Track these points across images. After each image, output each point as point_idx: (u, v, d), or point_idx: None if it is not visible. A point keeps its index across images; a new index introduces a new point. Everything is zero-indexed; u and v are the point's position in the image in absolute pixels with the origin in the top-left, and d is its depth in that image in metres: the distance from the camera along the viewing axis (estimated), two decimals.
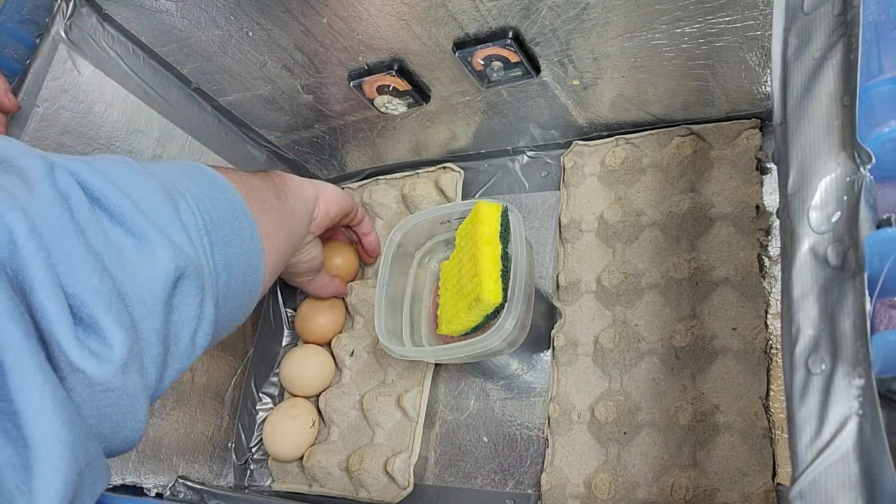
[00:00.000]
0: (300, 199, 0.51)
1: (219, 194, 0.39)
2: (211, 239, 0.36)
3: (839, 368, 0.22)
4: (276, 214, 0.46)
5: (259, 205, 0.43)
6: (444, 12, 0.49)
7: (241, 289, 0.40)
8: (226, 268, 0.37)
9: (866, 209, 0.23)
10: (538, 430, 0.57)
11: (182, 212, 0.35)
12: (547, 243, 0.63)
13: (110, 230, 0.30)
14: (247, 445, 0.69)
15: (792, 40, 0.29)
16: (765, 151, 0.55)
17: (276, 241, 0.45)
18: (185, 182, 0.37)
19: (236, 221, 0.39)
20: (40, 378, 0.25)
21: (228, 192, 0.40)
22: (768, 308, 0.51)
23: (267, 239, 0.43)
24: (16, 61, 0.50)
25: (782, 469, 0.47)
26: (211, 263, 0.36)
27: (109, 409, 0.28)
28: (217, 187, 0.40)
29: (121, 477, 0.57)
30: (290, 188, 0.50)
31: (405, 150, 0.69)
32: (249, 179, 0.45)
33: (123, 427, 0.30)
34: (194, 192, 0.37)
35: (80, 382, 0.27)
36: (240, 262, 0.39)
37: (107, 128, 0.55)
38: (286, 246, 0.48)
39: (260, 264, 0.42)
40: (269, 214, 0.44)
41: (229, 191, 0.40)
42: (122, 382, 0.28)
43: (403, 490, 0.57)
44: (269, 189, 0.47)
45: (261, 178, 0.47)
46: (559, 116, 0.60)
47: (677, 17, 0.46)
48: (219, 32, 0.54)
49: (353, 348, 0.66)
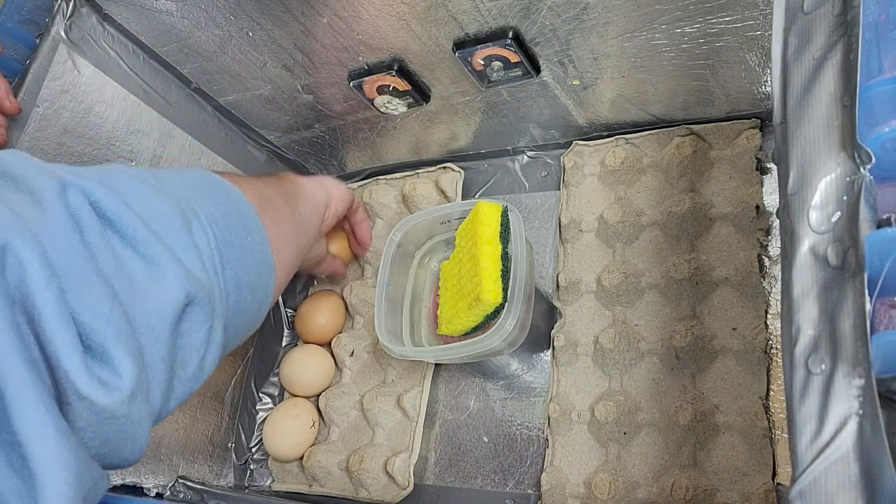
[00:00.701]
0: (312, 206, 0.51)
1: (231, 209, 0.38)
2: (222, 259, 0.35)
3: (839, 368, 0.22)
4: (286, 226, 0.45)
5: (271, 217, 0.42)
6: (444, 12, 0.49)
7: (251, 307, 0.39)
8: (236, 287, 0.37)
9: (866, 209, 0.23)
10: (538, 430, 0.57)
11: (195, 232, 0.34)
12: (547, 243, 0.63)
13: (121, 253, 0.30)
14: (247, 445, 0.69)
15: (792, 40, 0.29)
16: (765, 151, 0.55)
17: (287, 254, 0.44)
18: (198, 198, 0.36)
19: (248, 238, 0.38)
20: (42, 408, 0.24)
21: (241, 205, 0.39)
22: (768, 308, 0.51)
23: (277, 253, 0.42)
24: (16, 61, 0.50)
25: (782, 469, 0.47)
26: (222, 284, 0.35)
27: (112, 434, 0.28)
28: (230, 201, 0.39)
29: (121, 477, 0.57)
30: (301, 195, 0.50)
31: (405, 150, 0.69)
32: (261, 189, 0.44)
33: (123, 450, 0.29)
34: (208, 210, 0.36)
35: (86, 410, 0.27)
36: (250, 281, 0.38)
37: (107, 128, 0.55)
38: (295, 258, 0.47)
39: (270, 280, 0.41)
40: (279, 227, 0.44)
41: (242, 204, 0.39)
42: (129, 410, 0.28)
43: (403, 490, 0.57)
44: (281, 198, 0.46)
45: (272, 185, 0.47)
46: (559, 116, 0.60)
47: (677, 17, 0.46)
48: (219, 32, 0.54)
49: (353, 348, 0.66)
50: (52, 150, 0.51)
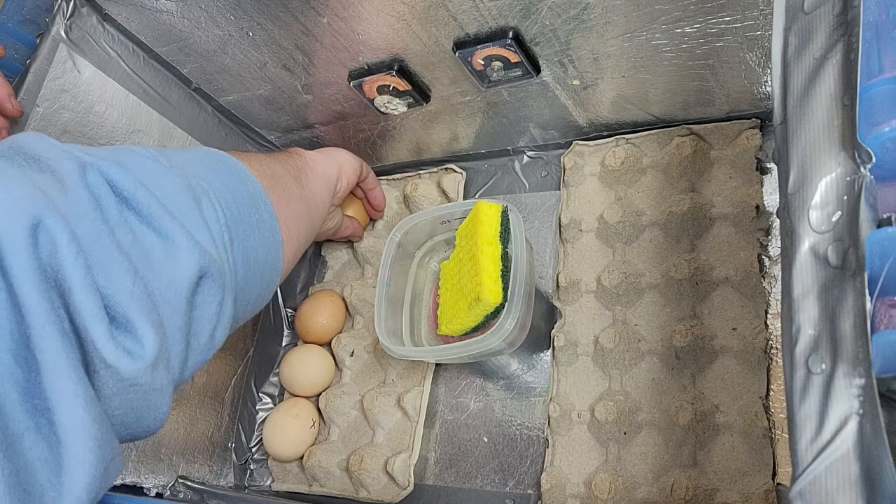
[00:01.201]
0: (322, 180, 0.51)
1: (240, 187, 0.40)
2: (231, 235, 0.37)
3: (839, 368, 0.22)
4: (296, 203, 0.46)
5: (279, 194, 0.44)
6: (444, 12, 0.49)
7: (259, 282, 0.40)
8: (244, 262, 0.38)
9: (866, 209, 0.23)
10: (538, 430, 0.57)
11: (205, 209, 0.35)
12: (547, 243, 0.63)
13: (138, 230, 0.31)
14: (247, 445, 0.69)
15: (792, 40, 0.29)
16: (765, 151, 0.55)
17: (295, 231, 0.45)
18: (207, 175, 0.38)
19: (256, 214, 0.40)
20: (74, 377, 0.26)
21: (249, 182, 0.41)
22: (768, 308, 0.51)
23: (286, 230, 0.43)
24: (16, 61, 0.50)
25: (782, 469, 0.47)
26: (231, 259, 0.36)
27: (137, 402, 0.30)
28: (238, 179, 0.40)
29: (121, 477, 0.57)
30: (311, 170, 0.50)
31: (405, 151, 0.69)
32: (271, 166, 0.45)
33: (147, 417, 0.31)
34: (217, 187, 0.37)
35: (112, 378, 0.28)
36: (258, 256, 0.40)
37: (107, 128, 0.55)
38: (305, 233, 0.48)
39: (279, 256, 0.42)
40: (288, 204, 0.45)
41: (250, 181, 0.41)
42: (151, 378, 0.30)
43: (403, 490, 0.57)
44: (290, 174, 0.47)
45: (281, 161, 0.47)
46: (559, 116, 0.60)
47: (677, 17, 0.46)
48: (219, 32, 0.54)
49: (353, 348, 0.66)
50: None
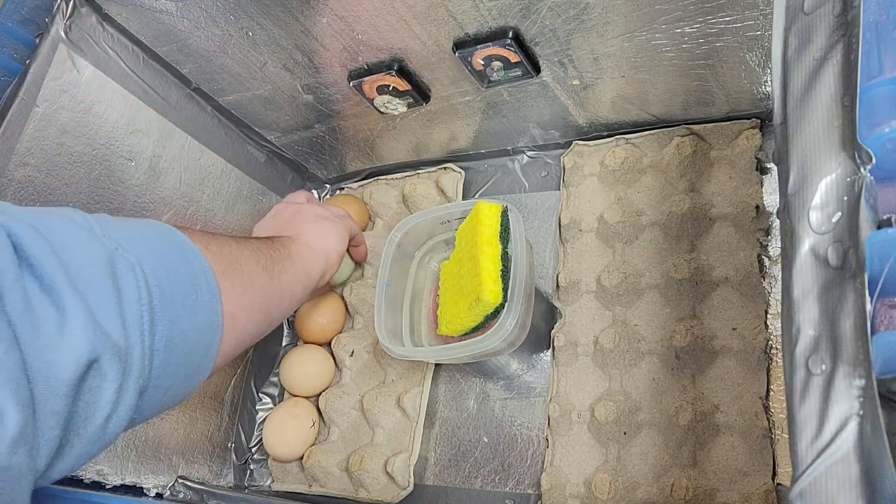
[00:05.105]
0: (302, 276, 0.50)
1: (180, 266, 0.37)
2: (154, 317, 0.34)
3: (839, 369, 0.22)
4: (252, 294, 0.43)
5: (234, 281, 0.41)
6: (444, 12, 0.49)
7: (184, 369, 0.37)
8: (166, 346, 0.35)
9: (867, 209, 0.23)
10: (538, 430, 0.57)
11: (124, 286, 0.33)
12: (547, 243, 0.63)
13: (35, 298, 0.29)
14: (247, 445, 0.69)
15: (792, 40, 0.29)
16: (765, 151, 0.55)
17: (243, 321, 0.42)
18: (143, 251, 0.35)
19: (195, 295, 0.37)
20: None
21: (195, 262, 0.38)
22: (768, 308, 0.51)
23: (231, 319, 0.40)
24: (16, 61, 0.50)
25: (782, 469, 0.47)
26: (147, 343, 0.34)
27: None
28: (181, 258, 0.38)
29: (120, 477, 0.57)
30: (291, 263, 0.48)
31: (405, 150, 0.69)
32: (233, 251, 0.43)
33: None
34: (150, 263, 0.35)
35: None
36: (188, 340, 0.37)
37: (107, 128, 0.55)
38: (258, 325, 0.45)
39: (214, 342, 0.39)
40: (243, 293, 0.42)
41: (197, 261, 0.38)
42: (8, 462, 0.26)
43: (403, 490, 0.57)
44: (259, 263, 0.45)
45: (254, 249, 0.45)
46: (559, 116, 0.60)
47: (677, 17, 0.46)
48: (219, 32, 0.54)
49: (353, 348, 0.66)
50: (52, 150, 0.51)
